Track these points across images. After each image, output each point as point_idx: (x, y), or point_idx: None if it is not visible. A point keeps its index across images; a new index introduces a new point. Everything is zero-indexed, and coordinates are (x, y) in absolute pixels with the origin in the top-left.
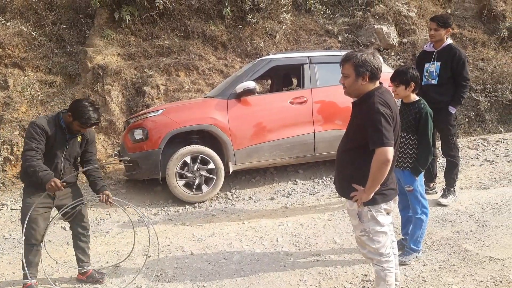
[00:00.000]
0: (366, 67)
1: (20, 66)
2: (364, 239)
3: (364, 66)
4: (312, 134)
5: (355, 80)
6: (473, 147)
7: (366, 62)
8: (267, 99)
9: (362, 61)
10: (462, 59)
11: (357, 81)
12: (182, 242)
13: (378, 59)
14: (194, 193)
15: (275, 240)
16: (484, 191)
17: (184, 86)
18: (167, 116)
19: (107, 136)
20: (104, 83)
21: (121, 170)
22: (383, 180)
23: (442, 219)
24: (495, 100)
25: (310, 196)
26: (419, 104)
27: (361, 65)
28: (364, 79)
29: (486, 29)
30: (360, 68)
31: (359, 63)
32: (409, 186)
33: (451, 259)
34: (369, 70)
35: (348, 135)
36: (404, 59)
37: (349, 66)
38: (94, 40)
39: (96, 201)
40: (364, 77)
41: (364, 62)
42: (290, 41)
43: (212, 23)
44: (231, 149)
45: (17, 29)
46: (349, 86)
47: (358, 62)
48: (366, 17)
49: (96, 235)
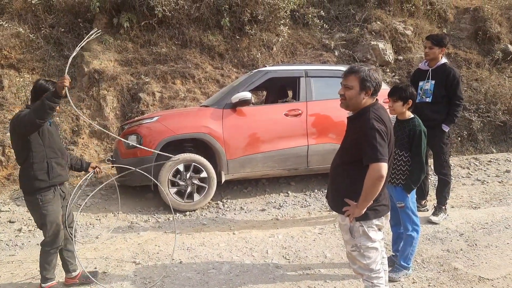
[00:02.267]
0: (372, 83)
1: (16, 68)
2: (355, 255)
3: (370, 81)
4: (305, 147)
5: (359, 93)
6: (465, 166)
7: (372, 78)
8: (262, 110)
9: (370, 76)
10: (457, 79)
11: (360, 94)
12: (172, 250)
13: (380, 76)
14: (186, 201)
15: (265, 252)
16: (475, 211)
17: (179, 94)
18: (162, 123)
19: (100, 141)
20: (99, 87)
21: (113, 175)
22: (376, 195)
23: (432, 237)
24: (487, 120)
25: (302, 208)
26: (413, 121)
27: (368, 79)
28: (367, 93)
29: (481, 50)
30: (367, 83)
31: (366, 77)
32: (400, 202)
33: (441, 277)
34: (374, 86)
35: (342, 150)
36: (399, 76)
37: (355, 79)
38: (91, 44)
39: (93, 176)
40: (368, 92)
41: (371, 78)
42: (287, 54)
43: (210, 33)
44: (224, 159)
45: (14, 30)
46: (349, 98)
47: (365, 77)
48: (363, 33)
49: (85, 240)
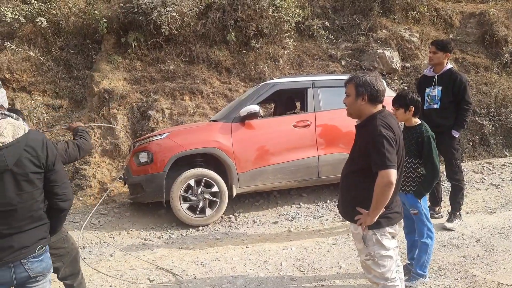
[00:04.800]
0: (366, 88)
1: (28, 91)
2: (369, 263)
3: (363, 87)
4: (315, 158)
5: (355, 99)
6: (478, 171)
7: (366, 83)
8: (271, 122)
9: (363, 81)
10: (464, 84)
11: (356, 100)
12: (186, 265)
13: (380, 82)
14: (198, 216)
15: (279, 264)
16: (490, 215)
17: (188, 110)
18: (172, 140)
19: (112, 160)
20: (110, 107)
21: (125, 193)
22: (387, 203)
23: (448, 243)
24: (499, 124)
25: (314, 219)
26: (420, 128)
27: (361, 85)
28: (364, 99)
29: (489, 53)
30: (360, 88)
31: (360, 83)
32: (413, 209)
33: (458, 284)
34: (368, 91)
35: (351, 158)
36: (407, 83)
37: (351, 86)
38: (100, 65)
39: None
40: (364, 97)
41: (364, 83)
42: (293, 66)
43: (217, 48)
44: (235, 172)
45: (25, 54)
46: (349, 106)
47: (358, 82)
48: (369, 42)
49: (100, 258)
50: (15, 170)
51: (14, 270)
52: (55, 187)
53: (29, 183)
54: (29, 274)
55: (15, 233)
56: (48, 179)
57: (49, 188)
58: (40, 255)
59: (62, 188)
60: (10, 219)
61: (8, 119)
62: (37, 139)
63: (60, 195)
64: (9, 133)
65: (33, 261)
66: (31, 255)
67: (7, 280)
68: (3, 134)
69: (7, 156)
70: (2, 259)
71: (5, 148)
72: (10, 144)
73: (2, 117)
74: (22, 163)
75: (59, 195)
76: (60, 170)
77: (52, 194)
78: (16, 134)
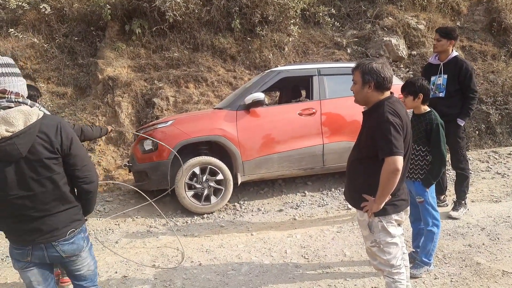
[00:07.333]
0: (372, 75)
1: (32, 78)
2: (374, 250)
3: (369, 74)
4: (321, 146)
5: (362, 87)
6: (484, 160)
7: (372, 71)
8: (276, 110)
9: (369, 69)
10: (469, 72)
11: (363, 88)
12: (191, 252)
13: (387, 69)
14: (203, 204)
15: (284, 252)
16: (496, 204)
17: (193, 97)
18: (177, 127)
19: (116, 147)
20: (114, 94)
21: (131, 180)
22: (394, 190)
23: (453, 232)
24: (506, 112)
25: (319, 208)
26: (429, 115)
27: (367, 72)
28: (370, 87)
29: (496, 41)
30: (366, 76)
31: (366, 70)
32: (419, 197)
33: (463, 272)
34: (375, 78)
35: (358, 145)
36: (413, 71)
37: (358, 73)
38: (105, 52)
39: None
40: (370, 85)
41: (370, 70)
42: (298, 53)
43: (221, 36)
44: (240, 160)
45: (29, 41)
46: (356, 93)
47: (364, 70)
48: (375, 29)
49: (105, 245)
50: (30, 157)
51: (46, 250)
52: (76, 171)
53: (46, 168)
54: (60, 254)
55: (45, 216)
56: (68, 163)
57: (71, 172)
58: (71, 237)
59: (82, 171)
60: (35, 203)
61: (21, 107)
62: (51, 125)
63: (82, 178)
64: (20, 122)
65: (64, 243)
66: (62, 239)
67: (41, 258)
68: (13, 123)
69: (19, 144)
70: (34, 240)
71: (16, 136)
72: (22, 132)
73: (15, 105)
74: (35, 149)
75: (81, 178)
76: (78, 154)
77: (74, 177)
78: (28, 121)
